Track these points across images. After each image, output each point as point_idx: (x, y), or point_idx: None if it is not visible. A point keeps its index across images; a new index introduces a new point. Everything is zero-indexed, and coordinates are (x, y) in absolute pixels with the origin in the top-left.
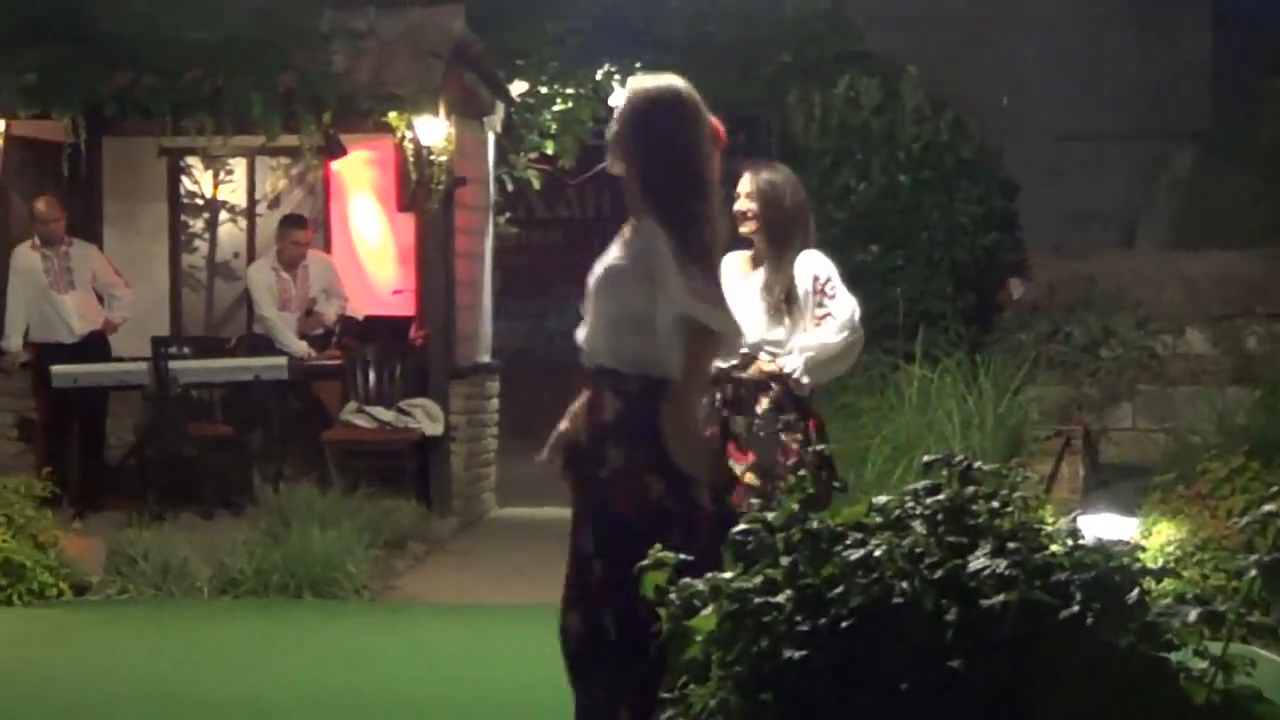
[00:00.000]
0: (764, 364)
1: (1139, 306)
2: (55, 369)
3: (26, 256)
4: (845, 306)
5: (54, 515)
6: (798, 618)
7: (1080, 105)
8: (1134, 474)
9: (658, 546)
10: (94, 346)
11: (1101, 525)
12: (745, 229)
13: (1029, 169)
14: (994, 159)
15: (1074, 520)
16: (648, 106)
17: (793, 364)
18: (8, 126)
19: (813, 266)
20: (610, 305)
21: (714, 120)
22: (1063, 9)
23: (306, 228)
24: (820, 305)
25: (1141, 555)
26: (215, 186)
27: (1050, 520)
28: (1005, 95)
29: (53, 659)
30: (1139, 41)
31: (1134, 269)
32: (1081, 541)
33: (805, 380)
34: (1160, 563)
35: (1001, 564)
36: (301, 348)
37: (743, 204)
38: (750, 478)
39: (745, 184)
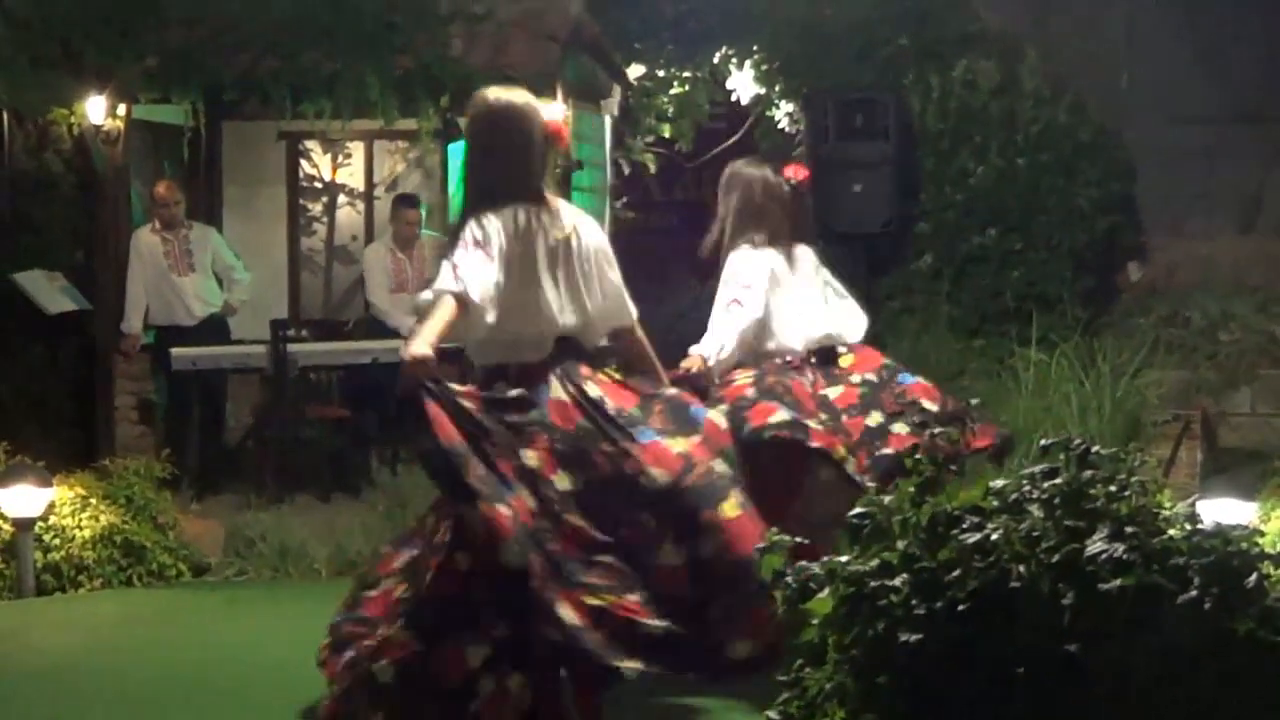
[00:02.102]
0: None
1: (1259, 290)
2: (175, 352)
3: (147, 240)
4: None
5: (173, 497)
6: (914, 601)
7: (1200, 87)
8: (1253, 459)
9: None
10: (213, 329)
11: (1220, 510)
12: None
13: (1148, 151)
14: (1113, 141)
15: (1192, 505)
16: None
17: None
18: (129, 111)
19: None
20: None
21: (552, 122)
22: None
23: (417, 207)
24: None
25: (1260, 540)
26: (334, 170)
27: (1168, 505)
28: (1124, 77)
29: (172, 639)
30: (1261, 22)
31: (1254, 252)
32: (1199, 526)
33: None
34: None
35: (1119, 548)
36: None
37: None
38: None
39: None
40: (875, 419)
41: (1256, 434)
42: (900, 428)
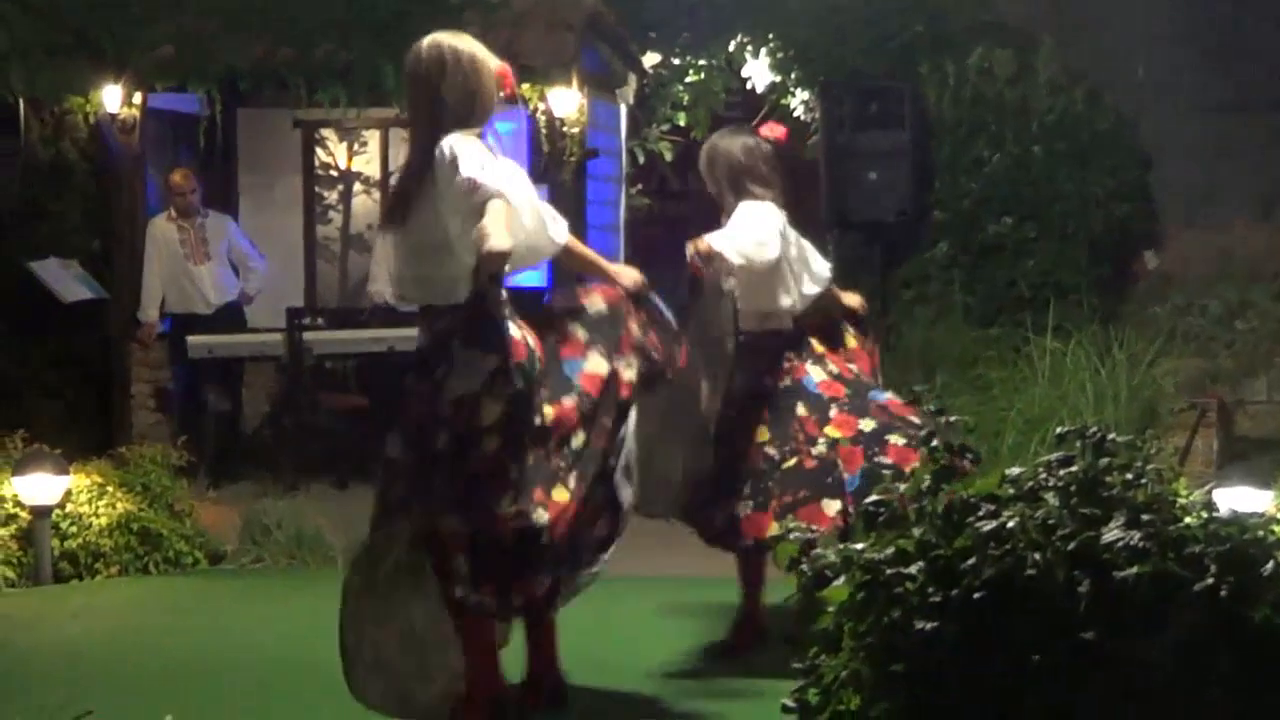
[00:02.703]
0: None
1: (1276, 278)
2: (191, 339)
3: (163, 228)
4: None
5: (189, 485)
6: (930, 589)
7: (1217, 75)
8: (1270, 447)
9: None
10: (229, 317)
11: (1236, 498)
12: None
13: (1165, 140)
14: (1129, 130)
15: (1208, 493)
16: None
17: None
18: (144, 99)
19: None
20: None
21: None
22: None
23: None
24: None
25: (1276, 528)
26: (349, 158)
27: (1184, 493)
28: (1140, 66)
29: (189, 627)
30: (1276, 11)
31: (1271, 240)
32: (1216, 514)
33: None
34: None
35: (1135, 536)
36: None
37: None
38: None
39: None
40: (869, 424)
41: (1273, 422)
42: (898, 439)
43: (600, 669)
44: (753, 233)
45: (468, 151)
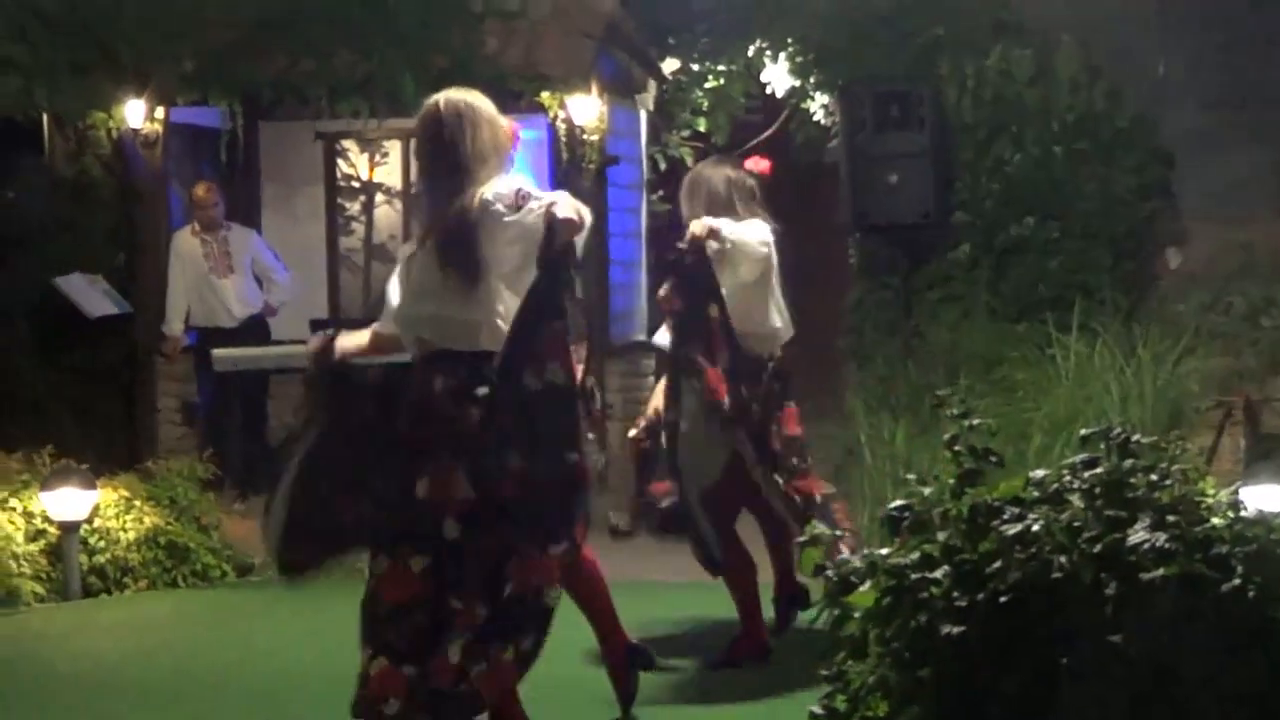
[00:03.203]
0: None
1: None
2: (216, 353)
3: (186, 242)
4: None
5: (216, 498)
6: (956, 593)
7: (1238, 71)
8: None
9: None
10: (253, 330)
11: (1264, 497)
12: None
13: (1187, 137)
14: (1150, 127)
15: (1235, 492)
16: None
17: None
18: (167, 114)
19: None
20: None
21: (508, 123)
22: None
23: None
24: None
25: None
26: (371, 169)
27: (1211, 493)
28: (1161, 62)
29: (218, 640)
30: None
31: None
32: (1242, 514)
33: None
34: None
35: (1161, 537)
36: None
37: None
38: None
39: None
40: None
41: None
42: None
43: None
44: (751, 230)
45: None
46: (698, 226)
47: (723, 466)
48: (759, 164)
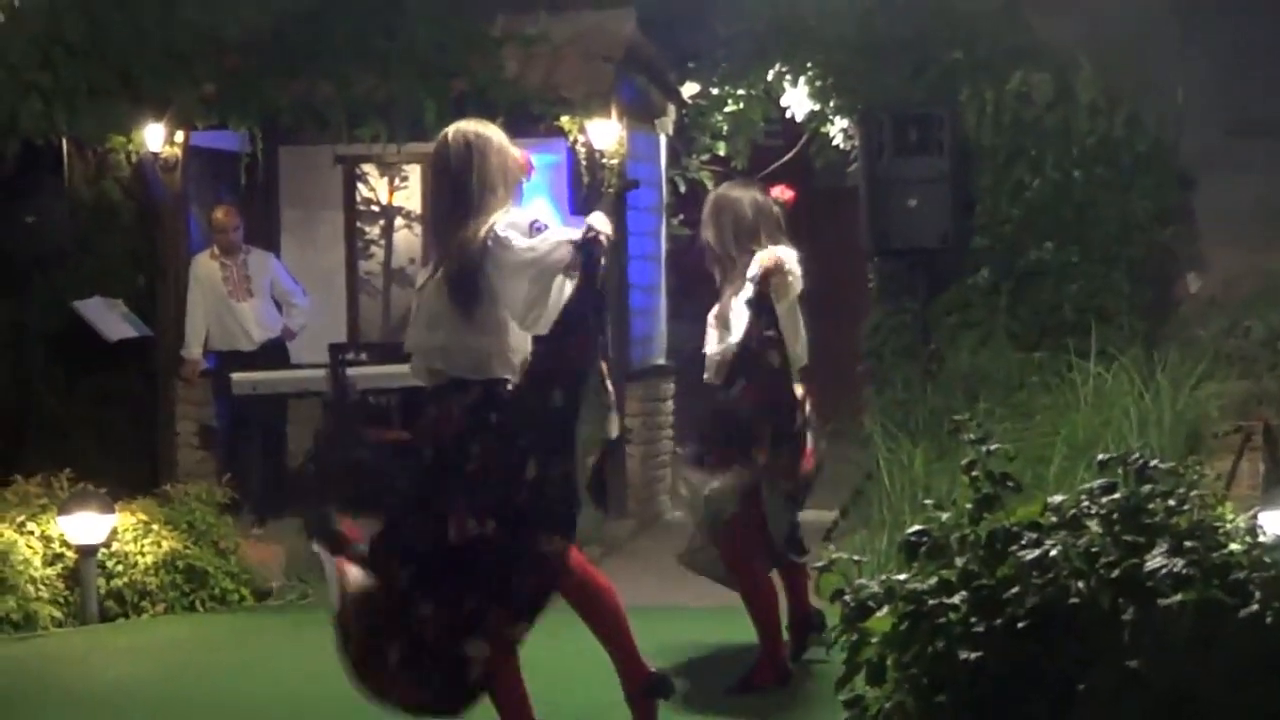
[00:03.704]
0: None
1: None
2: (235, 376)
3: (205, 265)
4: None
5: (235, 522)
6: (973, 619)
7: (1257, 96)
8: None
9: None
10: (273, 354)
11: None
12: None
13: (1206, 162)
14: (1170, 152)
15: (1253, 518)
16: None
17: None
18: (186, 138)
19: None
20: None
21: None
22: None
23: None
24: None
25: None
26: (390, 193)
27: (1230, 518)
28: (1180, 86)
29: (235, 664)
30: None
31: None
32: (1260, 539)
33: None
34: None
35: (1179, 563)
36: None
37: None
38: None
39: None
40: None
41: None
42: None
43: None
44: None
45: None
46: (768, 259)
47: (742, 498)
48: (785, 193)
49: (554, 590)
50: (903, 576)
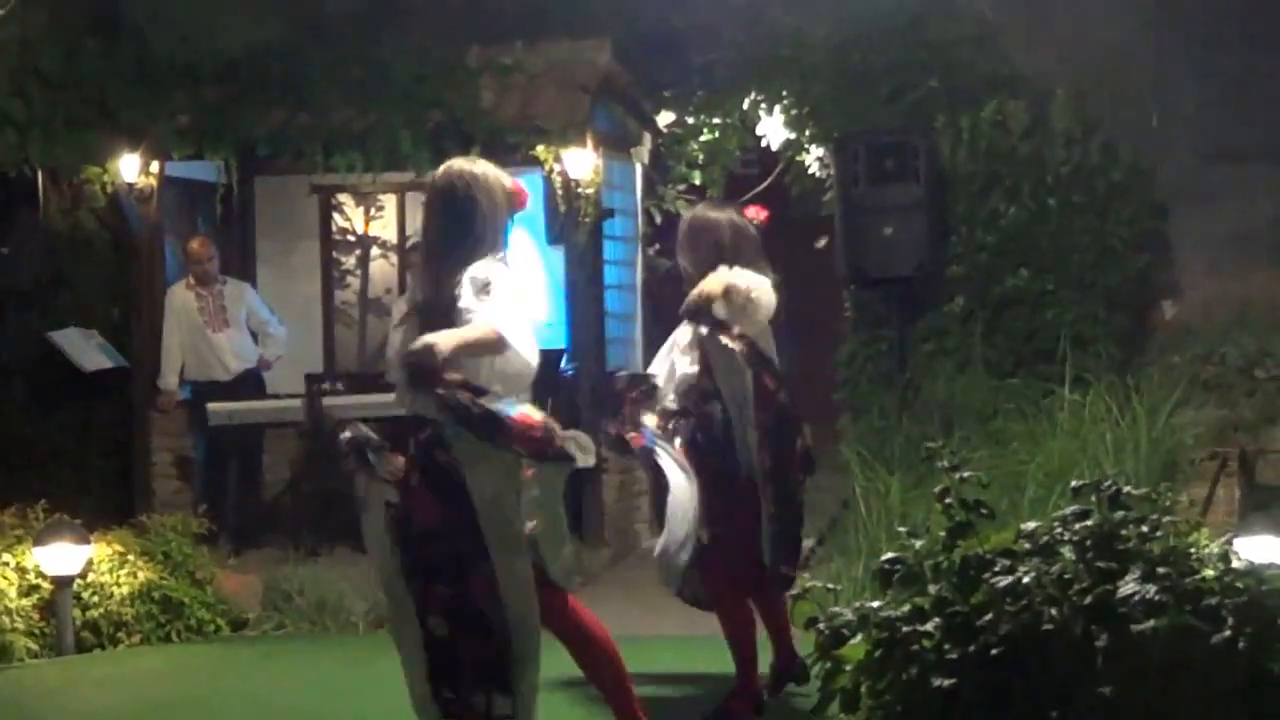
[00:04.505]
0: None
1: None
2: (211, 406)
3: (181, 296)
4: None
5: (211, 552)
6: (947, 646)
7: (1233, 123)
8: None
9: None
10: (249, 384)
11: (1259, 548)
12: None
13: (1182, 189)
14: (1145, 180)
15: (1226, 544)
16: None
17: None
18: (162, 168)
19: None
20: None
21: (514, 184)
22: (1210, 26)
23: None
24: None
25: None
26: (367, 223)
27: (1205, 544)
28: (1155, 114)
29: (211, 695)
30: None
31: None
32: (1233, 565)
33: None
34: None
35: (1151, 589)
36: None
37: None
38: None
39: None
40: None
41: None
42: None
43: None
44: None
45: (495, 280)
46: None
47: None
48: (758, 213)
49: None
50: (877, 604)
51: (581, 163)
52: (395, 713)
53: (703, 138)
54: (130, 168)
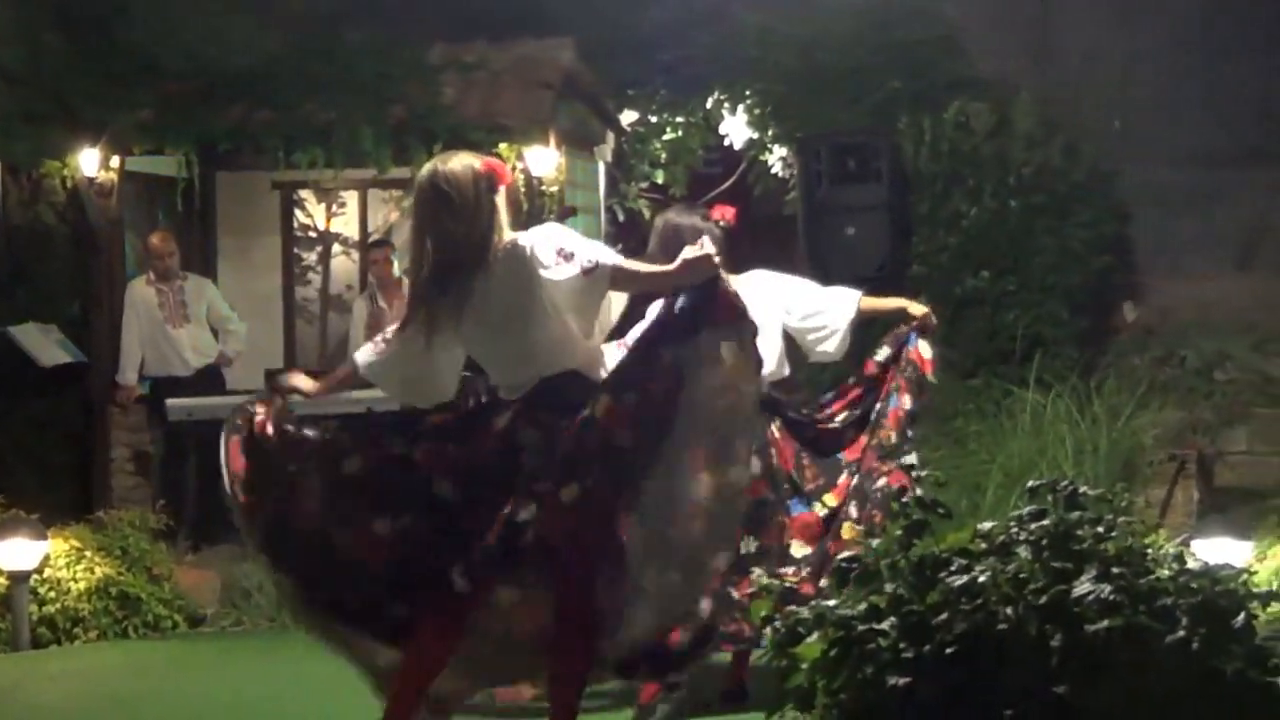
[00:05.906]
0: None
1: (1254, 329)
2: (170, 402)
3: (141, 291)
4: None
5: (169, 548)
6: (902, 645)
7: (1196, 128)
8: (1249, 498)
9: None
10: (208, 380)
11: (1215, 549)
12: None
13: (1144, 192)
14: (1107, 183)
15: (1183, 545)
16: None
17: None
18: (122, 163)
19: None
20: None
21: (492, 164)
22: (1177, 31)
23: (384, 246)
24: None
25: (1253, 579)
26: (328, 219)
27: (1163, 545)
28: (1117, 118)
29: (168, 691)
30: (1257, 63)
31: (1250, 291)
32: (1187, 566)
33: None
34: (1277, 586)
35: (1106, 589)
36: None
37: None
38: None
39: None
40: None
41: (1253, 473)
42: None
43: None
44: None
45: (564, 240)
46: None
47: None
48: (725, 212)
49: None
50: (833, 602)
51: (544, 161)
52: (350, 710)
53: (666, 136)
54: (90, 162)
